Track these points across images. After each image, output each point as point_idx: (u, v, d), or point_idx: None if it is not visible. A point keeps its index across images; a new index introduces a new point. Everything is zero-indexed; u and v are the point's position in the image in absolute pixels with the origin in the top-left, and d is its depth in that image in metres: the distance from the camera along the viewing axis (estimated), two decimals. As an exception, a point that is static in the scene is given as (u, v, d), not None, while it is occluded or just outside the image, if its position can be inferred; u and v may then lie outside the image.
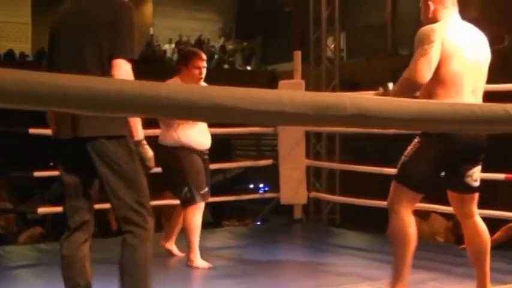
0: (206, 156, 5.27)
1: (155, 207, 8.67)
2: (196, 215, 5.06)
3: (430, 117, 1.58)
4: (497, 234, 5.74)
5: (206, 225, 9.06)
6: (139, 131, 3.37)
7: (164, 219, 8.94)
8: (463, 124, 1.64)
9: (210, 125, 5.28)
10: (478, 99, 3.69)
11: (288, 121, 1.50)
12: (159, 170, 6.90)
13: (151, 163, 3.44)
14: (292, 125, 3.07)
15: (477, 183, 3.88)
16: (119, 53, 3.24)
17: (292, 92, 1.29)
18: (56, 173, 3.64)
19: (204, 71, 5.06)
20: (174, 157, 5.07)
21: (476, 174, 3.84)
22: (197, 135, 5.11)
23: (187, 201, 5.07)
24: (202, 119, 1.19)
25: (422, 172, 3.77)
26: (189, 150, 5.08)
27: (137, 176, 3.30)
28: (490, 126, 1.67)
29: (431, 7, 3.78)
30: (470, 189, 3.89)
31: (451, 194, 3.96)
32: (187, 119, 1.21)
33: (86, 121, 3.23)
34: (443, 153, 3.72)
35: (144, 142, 3.42)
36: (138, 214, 3.26)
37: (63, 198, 3.50)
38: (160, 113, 1.20)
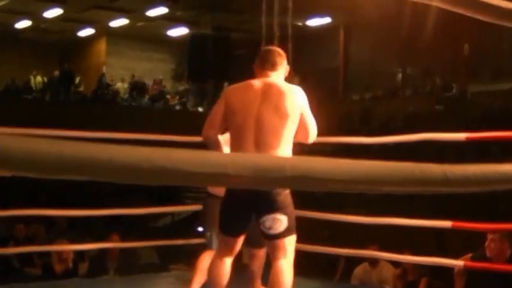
0: None
1: (102, 250, 8.57)
2: (206, 259, 5.14)
3: (371, 179, 1.61)
4: None
5: (152, 267, 8.94)
6: None
7: (110, 261, 8.84)
8: (403, 185, 1.68)
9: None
10: (266, 152, 3.89)
11: (229, 183, 1.52)
12: (102, 213, 6.81)
13: None
14: (235, 186, 3.18)
15: (272, 231, 4.07)
16: None
17: (233, 155, 1.31)
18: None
19: None
20: (205, 203, 5.38)
21: (268, 223, 4.04)
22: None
23: (205, 245, 5.31)
24: (144, 182, 1.19)
25: (222, 216, 4.26)
26: (219, 199, 5.19)
27: None
28: (427, 187, 1.71)
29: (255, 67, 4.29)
30: (268, 237, 4.12)
31: None
32: (129, 181, 1.21)
33: None
34: (226, 201, 4.21)
35: None
36: None
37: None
38: (101, 175, 1.20)
